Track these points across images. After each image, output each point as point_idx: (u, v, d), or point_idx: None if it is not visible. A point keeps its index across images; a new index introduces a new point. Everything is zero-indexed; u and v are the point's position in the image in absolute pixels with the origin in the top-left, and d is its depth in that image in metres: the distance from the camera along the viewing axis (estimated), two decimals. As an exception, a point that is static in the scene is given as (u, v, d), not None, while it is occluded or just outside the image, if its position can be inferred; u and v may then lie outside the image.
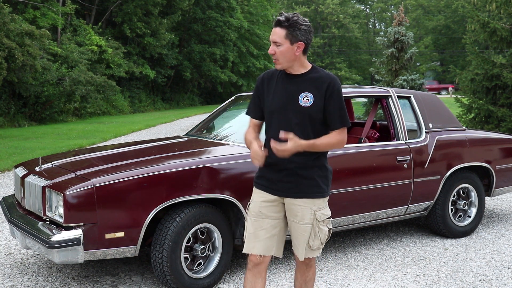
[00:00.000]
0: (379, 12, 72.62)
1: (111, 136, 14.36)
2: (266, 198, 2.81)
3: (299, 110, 2.70)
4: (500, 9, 10.84)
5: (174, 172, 3.64)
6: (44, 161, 4.13)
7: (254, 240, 2.80)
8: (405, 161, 4.61)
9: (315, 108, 2.70)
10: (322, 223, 2.80)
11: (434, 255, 4.63)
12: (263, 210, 2.80)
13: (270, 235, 2.80)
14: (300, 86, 2.74)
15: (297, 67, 2.76)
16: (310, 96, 2.71)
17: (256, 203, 2.83)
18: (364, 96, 5.33)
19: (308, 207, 2.77)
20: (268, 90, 2.82)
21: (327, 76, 2.75)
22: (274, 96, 2.77)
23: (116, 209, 3.44)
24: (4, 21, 15.40)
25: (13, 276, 4.05)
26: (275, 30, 2.70)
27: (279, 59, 2.71)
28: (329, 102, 2.72)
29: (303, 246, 2.80)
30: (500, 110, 10.38)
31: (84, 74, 20.02)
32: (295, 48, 2.69)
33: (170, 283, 3.63)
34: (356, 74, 60.18)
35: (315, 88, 2.72)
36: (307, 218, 2.77)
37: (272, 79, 2.83)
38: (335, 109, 2.73)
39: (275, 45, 2.69)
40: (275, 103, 2.76)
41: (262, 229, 2.80)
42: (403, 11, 17.69)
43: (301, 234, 2.80)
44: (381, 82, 17.67)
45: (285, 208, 2.83)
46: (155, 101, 32.14)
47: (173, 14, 31.63)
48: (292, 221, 2.82)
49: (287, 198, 2.79)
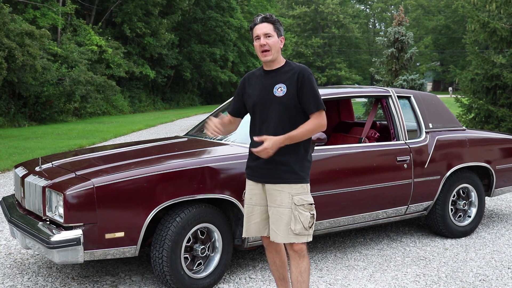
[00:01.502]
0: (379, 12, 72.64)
1: (111, 136, 14.36)
2: (254, 186, 3.12)
3: (275, 100, 2.98)
4: (500, 9, 10.84)
5: (174, 172, 3.63)
6: (44, 161, 4.13)
7: (247, 224, 3.15)
8: (405, 161, 4.61)
9: (288, 97, 2.96)
10: (302, 208, 2.97)
11: (434, 255, 4.63)
12: (253, 198, 3.12)
13: (260, 219, 3.11)
14: (275, 79, 3.03)
15: (276, 63, 3.05)
16: (283, 86, 2.98)
17: (248, 192, 3.16)
18: (364, 96, 5.33)
19: (286, 191, 2.97)
20: (249, 87, 3.13)
21: (297, 67, 3.03)
22: (254, 91, 3.08)
23: (116, 209, 3.44)
24: (4, 21, 15.40)
25: (13, 276, 4.05)
26: (263, 25, 2.99)
27: (271, 49, 2.98)
28: (302, 89, 2.97)
29: (284, 229, 2.96)
30: (500, 110, 10.38)
31: (84, 74, 20.03)
32: (279, 41, 3.02)
33: (170, 283, 3.63)
34: (356, 74, 60.22)
35: (288, 79, 3.00)
36: (285, 202, 2.97)
37: (252, 77, 3.16)
38: (309, 95, 2.97)
39: (266, 37, 2.97)
40: (255, 96, 3.06)
41: (252, 214, 3.12)
42: (403, 11, 17.70)
43: (280, 217, 2.98)
44: (381, 82, 17.67)
45: (266, 194, 3.06)
46: (155, 101, 32.15)
47: (173, 14, 31.66)
48: (271, 206, 3.03)
49: (267, 184, 3.04)
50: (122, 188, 3.45)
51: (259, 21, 3.01)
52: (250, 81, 3.15)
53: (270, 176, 3.01)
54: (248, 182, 3.17)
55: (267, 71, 3.08)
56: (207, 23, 34.93)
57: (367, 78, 61.78)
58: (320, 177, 4.18)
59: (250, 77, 3.18)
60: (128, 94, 28.42)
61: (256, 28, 3.01)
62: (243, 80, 3.21)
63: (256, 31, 3.01)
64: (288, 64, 3.06)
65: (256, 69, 3.20)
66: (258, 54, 3.03)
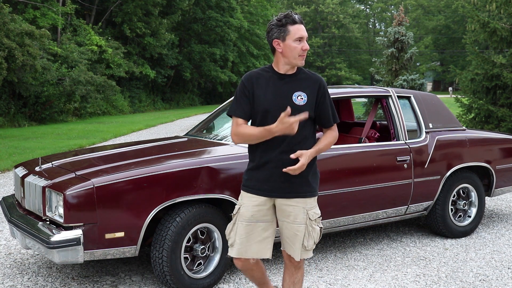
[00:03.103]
0: (379, 12, 72.64)
1: (111, 136, 14.36)
2: (257, 202, 2.81)
3: (294, 108, 2.71)
4: (500, 9, 10.84)
5: (174, 172, 3.63)
6: (44, 161, 4.13)
7: (246, 245, 2.81)
8: (405, 161, 4.61)
9: (308, 107, 2.77)
10: (314, 222, 2.83)
11: (434, 255, 4.63)
12: (256, 215, 2.80)
13: (261, 239, 2.82)
14: (292, 85, 2.80)
15: (293, 67, 2.84)
16: (303, 95, 2.78)
17: (247, 208, 2.81)
18: (364, 96, 5.33)
19: (301, 206, 2.79)
20: (258, 89, 2.80)
21: (316, 77, 2.87)
22: (268, 95, 2.78)
23: (116, 209, 3.44)
24: (4, 21, 15.40)
25: (13, 276, 4.05)
26: (302, 27, 2.77)
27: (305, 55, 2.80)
28: (322, 101, 2.83)
29: (299, 247, 2.81)
30: (500, 110, 10.38)
31: (84, 74, 20.03)
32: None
33: (170, 283, 3.63)
34: (356, 74, 60.20)
35: (307, 87, 2.81)
36: (300, 218, 2.79)
37: (261, 78, 2.83)
38: (328, 108, 2.85)
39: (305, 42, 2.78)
40: (269, 101, 2.77)
41: (253, 233, 2.81)
42: (403, 11, 17.70)
43: (295, 235, 2.81)
44: (381, 82, 17.67)
45: (276, 209, 2.84)
46: (155, 101, 32.15)
47: (173, 14, 31.66)
48: (284, 221, 2.83)
49: (278, 199, 2.81)
50: (122, 188, 3.45)
51: (299, 20, 2.76)
52: (258, 83, 2.82)
53: (283, 190, 2.77)
54: (249, 198, 2.83)
55: (281, 75, 2.81)
56: (207, 23, 34.93)
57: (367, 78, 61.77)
58: (320, 177, 4.18)
59: (258, 78, 2.84)
60: (128, 94, 28.42)
61: (299, 28, 2.74)
62: (249, 79, 2.84)
63: (299, 32, 2.74)
64: (302, 70, 2.86)
65: (261, 69, 2.89)
66: (293, 55, 2.75)
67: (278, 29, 2.76)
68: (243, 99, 2.83)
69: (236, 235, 2.83)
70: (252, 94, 2.81)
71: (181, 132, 14.29)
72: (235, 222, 2.85)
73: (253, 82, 2.83)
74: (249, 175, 2.86)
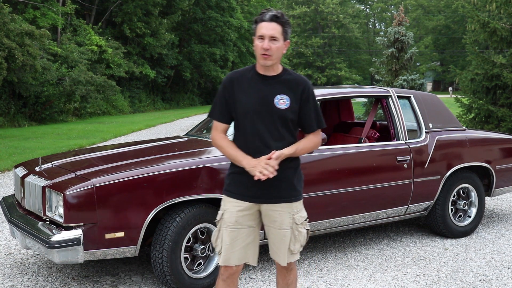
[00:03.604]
0: (379, 12, 72.64)
1: (111, 136, 14.36)
2: (242, 207, 2.70)
3: (275, 112, 2.64)
4: (500, 9, 10.84)
5: (174, 172, 3.63)
6: (44, 161, 4.13)
7: (231, 251, 2.71)
8: (405, 161, 4.61)
9: (291, 110, 2.66)
10: (301, 226, 2.75)
11: (434, 255, 4.62)
12: (240, 220, 2.70)
13: (245, 244, 2.72)
14: (275, 88, 2.67)
15: (275, 68, 2.70)
16: (286, 98, 2.66)
17: (231, 213, 2.70)
18: (364, 96, 5.33)
19: (287, 211, 2.71)
20: (239, 91, 2.69)
21: (300, 79, 2.72)
22: (249, 97, 2.67)
23: (116, 209, 3.44)
24: (4, 21, 15.40)
25: (13, 276, 4.05)
26: (272, 25, 2.59)
27: (273, 55, 2.62)
28: (306, 105, 2.70)
29: (285, 252, 2.74)
30: (500, 110, 10.38)
31: (84, 74, 20.03)
32: (284, 46, 2.66)
33: (170, 283, 3.63)
34: (356, 74, 60.21)
35: (290, 90, 2.68)
36: (286, 223, 2.71)
37: (242, 79, 2.72)
38: (311, 112, 2.72)
39: (271, 41, 2.60)
40: (250, 104, 2.66)
41: (238, 239, 2.70)
42: (403, 11, 17.71)
43: (282, 240, 2.73)
44: (381, 82, 17.68)
45: (262, 214, 2.75)
46: (155, 101, 32.14)
47: (173, 14, 31.65)
48: (270, 227, 2.74)
49: (264, 204, 2.71)
50: (122, 188, 3.45)
51: (267, 18, 2.60)
52: (239, 84, 2.71)
53: (268, 195, 2.68)
54: (233, 203, 2.71)
55: (263, 76, 2.69)
56: (207, 23, 34.92)
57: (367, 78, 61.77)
58: (320, 177, 4.19)
59: (239, 79, 2.72)
60: (128, 94, 28.42)
61: (262, 26, 2.60)
62: (230, 81, 2.73)
63: (261, 30, 2.60)
64: (287, 71, 2.73)
65: (244, 69, 2.77)
66: (257, 55, 2.65)
67: (254, 26, 2.69)
68: (222, 101, 2.73)
69: (221, 241, 2.73)
70: (233, 96, 2.70)
71: (181, 132, 14.29)
72: (220, 229, 2.74)
73: (234, 83, 2.72)
74: (231, 179, 2.74)
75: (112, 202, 3.43)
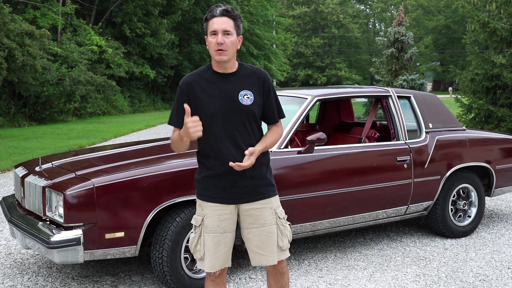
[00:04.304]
0: (379, 12, 72.63)
1: (111, 136, 14.36)
2: (222, 211, 2.66)
3: (241, 109, 2.61)
4: (500, 9, 10.84)
5: (174, 172, 3.64)
6: (44, 161, 4.13)
7: (215, 257, 2.67)
8: (405, 161, 4.61)
9: (255, 105, 2.65)
10: (283, 220, 2.74)
11: (434, 255, 4.63)
12: (222, 225, 2.66)
13: (228, 248, 2.71)
14: (236, 84, 2.64)
15: (232, 64, 2.65)
16: (249, 93, 2.64)
17: (212, 218, 2.66)
18: (364, 96, 5.33)
19: (268, 207, 2.69)
20: (200, 93, 2.63)
21: (259, 72, 2.71)
22: (211, 98, 2.62)
23: (116, 209, 3.44)
24: (4, 21, 15.39)
25: (13, 276, 4.05)
26: (222, 20, 2.57)
27: (228, 50, 2.57)
28: (268, 97, 2.71)
29: (273, 249, 2.70)
30: (500, 110, 10.38)
31: (84, 74, 20.02)
32: (237, 41, 2.63)
33: (170, 283, 3.63)
34: (356, 74, 60.20)
35: (252, 84, 2.66)
36: (269, 219, 2.69)
37: (200, 81, 2.66)
38: (273, 104, 2.74)
39: (224, 35, 2.56)
40: (215, 105, 2.61)
41: (221, 243, 2.68)
42: (403, 11, 17.70)
43: (269, 237, 2.69)
44: (381, 82, 17.67)
45: (241, 217, 2.70)
46: (155, 101, 32.14)
47: (173, 14, 31.63)
48: (253, 227, 2.69)
49: (243, 205, 2.67)
50: (122, 188, 3.45)
51: (218, 13, 2.58)
52: (199, 86, 2.64)
53: (247, 194, 2.65)
54: (213, 207, 2.65)
55: (222, 75, 2.64)
56: (207, 23, 34.90)
57: (367, 78, 61.77)
58: (320, 177, 4.19)
59: (197, 81, 2.65)
60: (128, 94, 28.41)
61: (213, 22, 2.58)
62: (186, 85, 2.66)
63: (213, 25, 2.57)
64: (244, 66, 2.70)
65: (200, 70, 2.72)
66: (212, 52, 2.58)
67: (205, 25, 2.65)
68: (180, 107, 2.61)
69: (204, 248, 2.68)
70: (194, 99, 2.62)
71: (181, 132, 14.26)
72: (201, 235, 2.69)
73: (193, 86, 2.65)
74: (205, 184, 2.68)
75: (112, 202, 3.43)
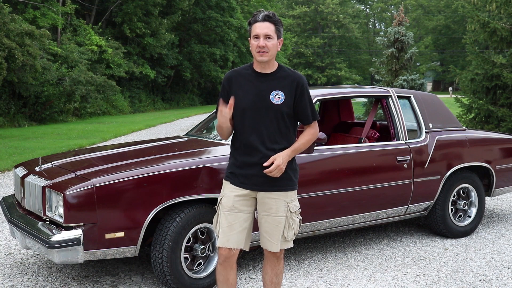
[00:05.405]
0: (379, 12, 72.64)
1: (111, 136, 14.36)
2: (239, 193, 2.89)
3: (271, 107, 2.83)
4: (500, 9, 10.84)
5: (174, 172, 3.64)
6: (44, 161, 4.13)
7: (229, 234, 2.88)
8: (405, 161, 4.61)
9: (285, 105, 2.85)
10: (294, 214, 2.94)
11: (434, 255, 4.63)
12: (236, 204, 2.89)
13: (242, 229, 2.90)
14: (270, 84, 2.86)
15: (271, 65, 2.89)
16: (281, 94, 2.85)
17: (229, 198, 2.90)
18: (364, 96, 5.33)
19: (282, 199, 2.89)
20: (237, 88, 2.89)
21: (294, 74, 2.91)
22: (245, 94, 2.87)
23: (116, 209, 3.44)
24: (4, 21, 15.39)
25: (13, 276, 4.05)
26: (265, 24, 2.80)
27: (269, 51, 2.81)
28: (300, 99, 2.89)
29: (278, 238, 2.91)
30: (500, 110, 10.38)
31: (84, 74, 20.02)
32: (278, 44, 2.86)
33: (170, 283, 3.63)
34: (356, 74, 60.20)
35: (285, 86, 2.87)
36: (281, 210, 2.89)
37: (240, 77, 2.92)
38: (307, 106, 2.91)
39: (266, 39, 2.80)
40: (247, 100, 2.86)
41: (235, 223, 2.89)
42: (403, 11, 17.69)
43: (276, 226, 2.90)
44: (381, 82, 17.67)
45: (258, 202, 2.93)
46: (155, 101, 32.14)
47: (173, 14, 31.63)
48: (265, 214, 2.91)
49: (261, 192, 2.89)
50: (122, 188, 3.45)
51: (260, 18, 2.81)
52: (238, 82, 2.90)
53: (265, 184, 2.87)
54: (231, 188, 2.91)
55: (260, 74, 2.88)
56: (207, 23, 34.90)
57: (367, 78, 61.77)
58: (320, 177, 4.19)
59: (237, 77, 2.92)
60: (128, 94, 28.41)
61: (256, 26, 2.81)
62: (229, 79, 2.94)
63: (256, 30, 2.81)
64: (283, 68, 2.92)
65: (242, 68, 2.97)
66: (254, 53, 2.83)
67: (248, 28, 2.89)
68: (224, 98, 2.92)
69: (219, 225, 2.92)
70: (231, 93, 2.89)
71: (181, 132, 14.29)
72: (218, 213, 2.94)
73: (232, 81, 2.92)
74: (232, 169, 2.95)
75: (112, 202, 3.43)
